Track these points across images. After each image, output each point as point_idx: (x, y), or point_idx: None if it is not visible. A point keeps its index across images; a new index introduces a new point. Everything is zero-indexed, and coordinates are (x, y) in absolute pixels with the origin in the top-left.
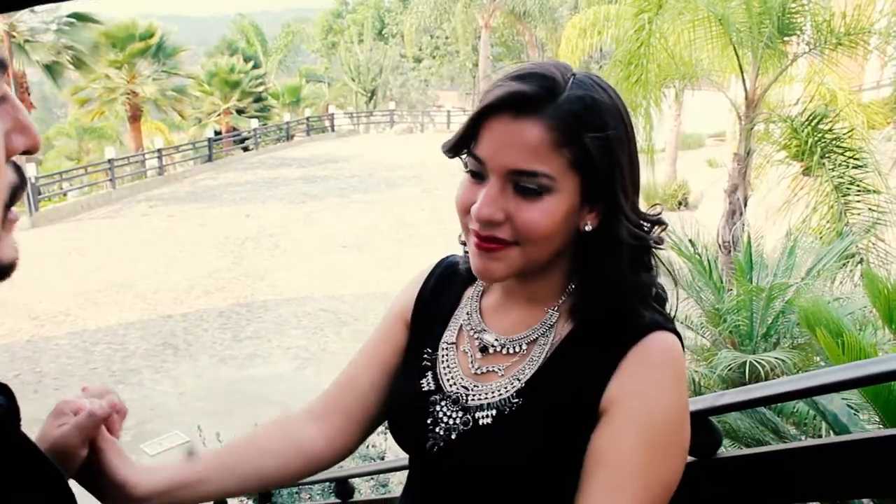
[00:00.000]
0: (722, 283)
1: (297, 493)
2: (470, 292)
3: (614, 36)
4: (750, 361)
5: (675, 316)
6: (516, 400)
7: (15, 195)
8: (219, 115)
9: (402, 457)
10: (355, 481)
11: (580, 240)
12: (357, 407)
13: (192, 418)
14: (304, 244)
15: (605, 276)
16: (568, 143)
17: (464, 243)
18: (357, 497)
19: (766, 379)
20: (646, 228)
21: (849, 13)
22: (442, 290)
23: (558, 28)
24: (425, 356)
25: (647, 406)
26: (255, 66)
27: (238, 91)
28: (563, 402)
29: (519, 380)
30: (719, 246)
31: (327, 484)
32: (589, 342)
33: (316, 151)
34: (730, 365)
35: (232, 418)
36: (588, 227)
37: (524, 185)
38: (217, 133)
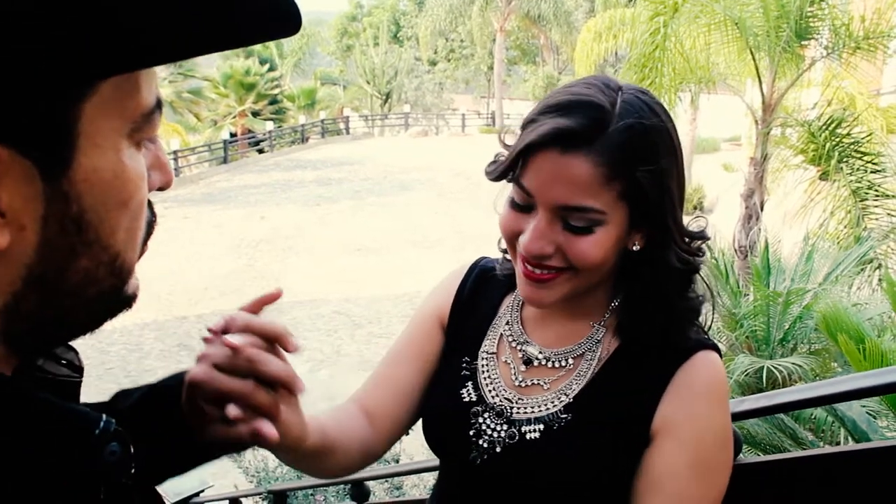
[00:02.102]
0: (738, 287)
1: (311, 494)
2: (509, 300)
3: (629, 40)
4: (767, 367)
5: None
6: (565, 415)
7: (150, 230)
8: (234, 117)
9: (416, 460)
10: (369, 483)
11: (626, 257)
12: (400, 409)
13: None
14: (319, 246)
15: (654, 299)
16: (618, 177)
17: (504, 251)
18: (372, 500)
19: (783, 384)
20: (693, 249)
21: (868, 16)
22: (479, 296)
23: (573, 32)
24: (464, 365)
25: (698, 429)
26: (271, 69)
27: (253, 93)
28: (613, 421)
29: (567, 395)
30: (735, 251)
31: (342, 486)
32: (636, 360)
33: (331, 154)
34: (746, 370)
35: None
36: (636, 248)
37: (574, 220)
38: (232, 135)
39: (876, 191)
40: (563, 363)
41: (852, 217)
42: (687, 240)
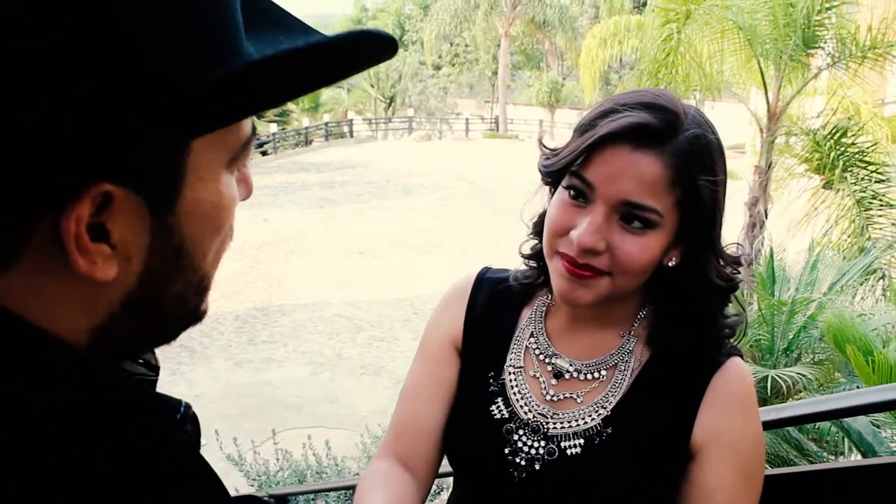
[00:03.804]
0: (743, 296)
1: (313, 499)
2: (529, 313)
3: (635, 47)
4: (771, 376)
5: None
6: (605, 429)
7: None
8: None
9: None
10: None
11: (659, 271)
12: (434, 450)
13: (208, 421)
14: (321, 249)
15: (696, 315)
16: (681, 182)
17: (530, 257)
18: None
19: (787, 394)
20: (730, 269)
21: (875, 26)
22: (494, 311)
23: (578, 37)
24: (490, 381)
25: (737, 438)
26: None
27: None
28: (653, 433)
29: (605, 408)
30: None
31: (343, 492)
32: (668, 370)
33: (334, 157)
34: None
35: (247, 421)
36: (672, 263)
37: (633, 217)
38: None
39: (880, 200)
40: (596, 375)
41: (856, 226)
42: (722, 262)
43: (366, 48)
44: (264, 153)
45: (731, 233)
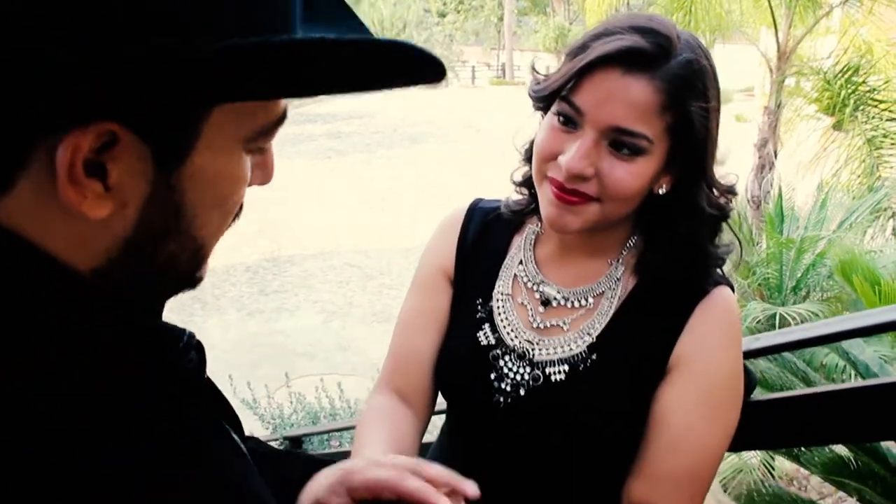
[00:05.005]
0: (752, 235)
1: (327, 439)
2: (519, 241)
3: None
4: (779, 313)
5: None
6: (589, 355)
7: (231, 222)
8: None
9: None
10: None
11: (648, 198)
12: (430, 380)
13: (223, 369)
14: (330, 200)
15: (686, 242)
16: (672, 108)
17: (521, 184)
18: None
19: None
20: (721, 198)
21: None
22: (484, 240)
23: None
24: (479, 307)
25: (709, 365)
26: None
27: None
28: (635, 359)
29: (590, 335)
30: (748, 201)
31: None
32: (655, 298)
33: (340, 107)
34: (758, 317)
35: (260, 370)
36: (662, 190)
37: (622, 144)
38: None
39: (892, 139)
40: (583, 302)
41: (867, 166)
42: (716, 191)
43: (413, 63)
44: None
45: (741, 175)
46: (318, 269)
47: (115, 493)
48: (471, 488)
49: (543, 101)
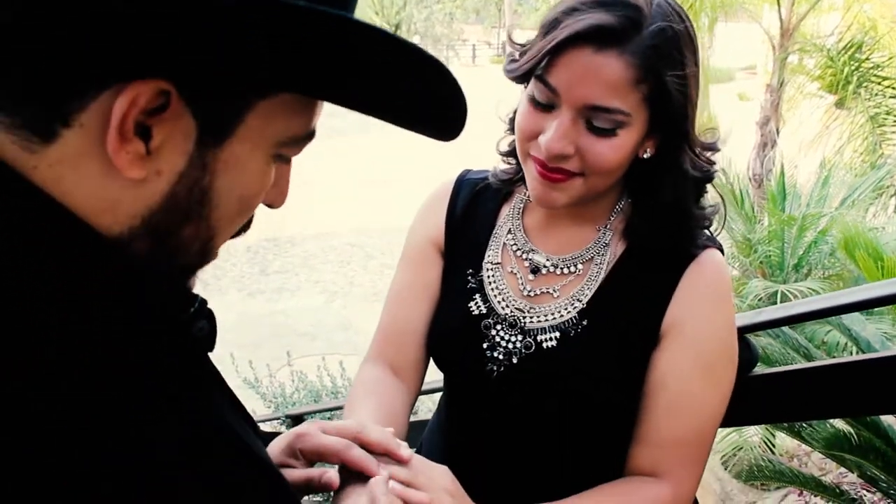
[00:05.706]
0: (753, 213)
1: (328, 418)
2: (507, 209)
3: None
4: (781, 291)
5: None
6: (581, 322)
7: (240, 232)
8: None
9: (437, 378)
10: None
11: (634, 163)
12: (420, 351)
13: (224, 349)
14: (330, 179)
15: (671, 205)
16: (647, 79)
17: (507, 154)
18: None
19: None
20: (706, 158)
21: None
22: (473, 210)
23: None
24: (469, 278)
25: (702, 329)
26: None
27: None
28: (626, 324)
29: (580, 301)
30: (750, 179)
31: None
32: (644, 262)
33: None
34: (760, 295)
35: (261, 350)
36: (646, 155)
37: (599, 121)
38: None
39: (895, 116)
40: (572, 269)
41: (869, 143)
42: (699, 150)
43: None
44: None
45: (743, 154)
46: (318, 248)
47: (116, 493)
48: (405, 452)
49: (518, 80)
